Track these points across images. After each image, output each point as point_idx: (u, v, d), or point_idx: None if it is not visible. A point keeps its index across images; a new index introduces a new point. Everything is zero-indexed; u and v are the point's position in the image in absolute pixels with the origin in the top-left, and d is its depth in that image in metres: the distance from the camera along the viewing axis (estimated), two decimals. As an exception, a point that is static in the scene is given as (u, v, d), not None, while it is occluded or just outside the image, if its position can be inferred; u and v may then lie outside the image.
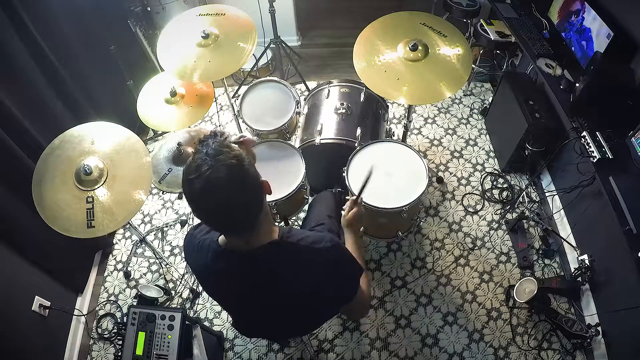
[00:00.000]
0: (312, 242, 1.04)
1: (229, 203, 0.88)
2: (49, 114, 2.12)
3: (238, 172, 0.88)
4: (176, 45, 1.99)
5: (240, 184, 0.89)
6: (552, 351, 2.06)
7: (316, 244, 1.04)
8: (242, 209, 0.92)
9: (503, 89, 2.60)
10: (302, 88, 3.22)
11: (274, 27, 2.96)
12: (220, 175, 0.85)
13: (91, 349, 2.19)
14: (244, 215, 0.93)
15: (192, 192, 0.88)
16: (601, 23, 1.89)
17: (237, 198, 0.89)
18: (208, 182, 0.85)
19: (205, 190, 0.86)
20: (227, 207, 0.89)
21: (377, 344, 2.14)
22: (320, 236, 1.07)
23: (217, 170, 0.85)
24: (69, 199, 1.66)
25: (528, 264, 2.32)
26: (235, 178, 0.87)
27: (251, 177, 0.92)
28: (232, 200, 0.88)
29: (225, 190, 0.86)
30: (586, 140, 1.84)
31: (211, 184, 0.85)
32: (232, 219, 0.92)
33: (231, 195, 0.88)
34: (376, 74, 1.84)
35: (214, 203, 0.88)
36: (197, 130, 2.27)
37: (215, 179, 0.85)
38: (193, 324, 1.77)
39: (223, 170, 0.86)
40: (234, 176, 0.87)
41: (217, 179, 0.85)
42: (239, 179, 0.88)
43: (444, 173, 2.75)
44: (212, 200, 0.87)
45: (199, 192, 0.86)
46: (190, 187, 0.87)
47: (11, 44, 1.88)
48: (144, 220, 2.64)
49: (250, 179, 0.92)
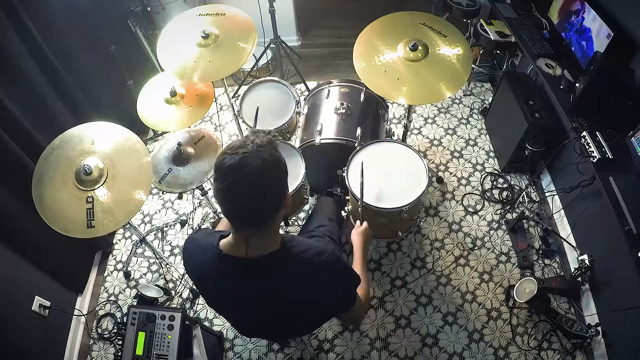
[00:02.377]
0: (315, 254, 1.04)
1: (251, 190, 0.89)
2: (49, 114, 2.12)
3: (271, 166, 0.90)
4: (176, 45, 1.99)
5: (269, 178, 0.90)
6: (552, 351, 2.06)
7: (318, 256, 1.04)
8: (260, 201, 0.92)
9: (503, 89, 2.60)
10: (302, 88, 3.23)
11: (274, 27, 2.96)
12: (255, 162, 0.87)
13: (91, 349, 2.19)
14: (260, 207, 0.93)
15: (222, 166, 0.89)
16: (601, 23, 1.89)
17: (261, 188, 0.90)
18: (241, 162, 0.86)
19: (233, 168, 0.87)
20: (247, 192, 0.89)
21: (377, 344, 2.14)
22: (322, 248, 1.07)
23: (253, 156, 0.87)
24: (69, 199, 1.66)
25: (528, 264, 2.32)
26: (267, 169, 0.89)
27: (280, 180, 0.94)
28: (255, 189, 0.89)
29: (251, 175, 0.87)
30: (586, 140, 1.84)
31: (242, 165, 0.86)
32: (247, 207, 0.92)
33: (256, 184, 0.89)
34: (376, 74, 1.84)
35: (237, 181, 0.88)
36: (197, 130, 2.27)
37: (248, 163, 0.87)
38: (193, 324, 1.77)
39: (259, 159, 0.87)
40: (267, 168, 0.88)
41: (250, 163, 0.87)
42: (269, 172, 0.90)
43: (444, 173, 2.75)
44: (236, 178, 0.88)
45: (227, 168, 0.87)
46: (222, 160, 0.89)
47: (11, 44, 1.88)
48: (144, 220, 2.64)
49: (278, 180, 0.94)
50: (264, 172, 0.88)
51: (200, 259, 1.08)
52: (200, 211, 2.64)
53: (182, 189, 2.07)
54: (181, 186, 2.06)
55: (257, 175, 0.88)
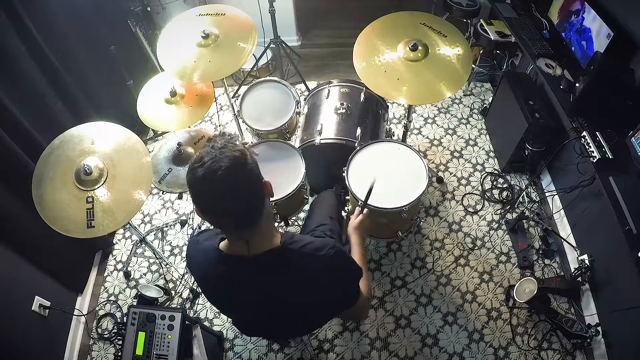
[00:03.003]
0: (315, 249, 1.04)
1: (231, 191, 0.89)
2: (49, 114, 2.12)
3: (240, 162, 0.89)
4: (176, 45, 1.99)
5: (241, 174, 0.90)
6: (552, 351, 2.06)
7: (319, 251, 1.04)
8: (241, 199, 0.91)
9: (503, 89, 2.60)
10: (302, 88, 3.23)
11: (274, 27, 2.96)
12: (222, 164, 0.86)
13: (91, 349, 2.19)
14: (242, 206, 0.92)
15: (193, 179, 0.88)
16: (601, 23, 1.89)
17: (236, 186, 0.89)
18: (209, 169, 0.86)
19: (206, 177, 0.86)
20: (229, 196, 0.89)
21: (377, 344, 2.14)
22: (323, 242, 1.07)
23: (219, 160, 0.86)
24: (69, 199, 1.66)
25: (528, 264, 2.32)
26: (236, 166, 0.88)
27: (253, 172, 0.93)
28: (231, 188, 0.89)
29: (225, 177, 0.87)
30: (586, 140, 1.84)
31: (212, 170, 0.86)
32: (230, 209, 0.91)
33: (233, 183, 0.88)
34: (376, 74, 1.84)
35: (215, 190, 0.88)
36: (197, 130, 2.27)
37: (217, 167, 0.86)
38: (193, 324, 1.77)
39: (225, 160, 0.87)
40: (236, 165, 0.88)
41: (219, 167, 0.86)
42: (240, 168, 0.89)
43: (444, 173, 2.75)
44: (211, 186, 0.87)
45: (200, 178, 0.87)
46: (193, 174, 0.88)
47: (11, 44, 1.88)
48: (144, 220, 2.64)
49: (252, 173, 0.92)
50: (236, 169, 0.88)
51: (201, 261, 1.09)
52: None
53: (182, 189, 2.07)
54: (181, 186, 2.06)
55: (231, 174, 0.87)
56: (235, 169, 0.88)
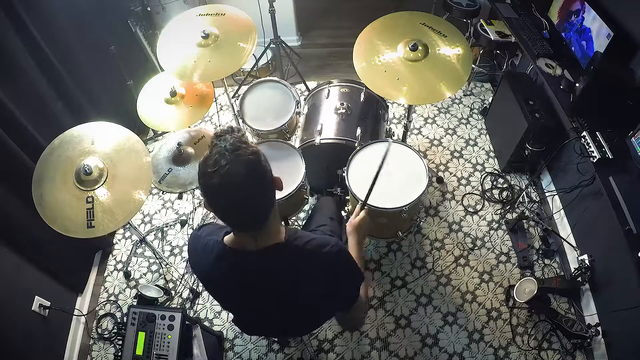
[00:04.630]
0: (318, 245, 1.04)
1: (247, 199, 0.89)
2: (49, 114, 2.12)
3: (256, 167, 0.89)
4: (176, 45, 1.99)
5: (258, 180, 0.90)
6: (552, 351, 2.06)
7: (322, 247, 1.04)
8: (258, 204, 0.92)
9: (503, 89, 2.60)
10: (302, 88, 3.23)
11: (274, 27, 2.96)
12: (240, 170, 0.85)
13: (91, 349, 2.19)
14: (258, 210, 0.94)
15: (210, 186, 0.88)
16: (601, 23, 1.89)
17: (254, 194, 0.90)
18: (227, 176, 0.85)
19: (223, 186, 0.86)
20: (245, 202, 0.90)
21: (377, 344, 2.14)
22: (326, 240, 1.07)
23: (236, 164, 0.85)
24: (69, 199, 1.66)
25: (528, 264, 2.32)
26: (253, 174, 0.88)
27: (268, 173, 0.93)
28: (250, 196, 0.89)
29: (244, 187, 0.87)
30: (586, 140, 1.84)
31: (230, 179, 0.85)
32: (247, 215, 0.93)
33: (249, 192, 0.88)
34: (376, 74, 1.84)
35: (232, 199, 0.88)
36: (197, 130, 2.27)
37: (235, 174, 0.85)
38: (193, 324, 1.77)
39: (242, 166, 0.86)
40: (253, 172, 0.88)
41: (237, 174, 0.85)
42: (257, 175, 0.89)
43: (444, 173, 2.75)
44: (230, 196, 0.88)
45: (217, 187, 0.86)
46: (208, 180, 0.87)
47: (11, 44, 1.88)
48: (144, 220, 2.64)
49: (266, 174, 0.93)
50: (252, 177, 0.88)
51: (205, 256, 1.08)
52: (200, 211, 2.64)
53: (182, 189, 2.07)
54: (181, 186, 2.06)
55: (248, 183, 0.87)
56: (252, 177, 0.88)
